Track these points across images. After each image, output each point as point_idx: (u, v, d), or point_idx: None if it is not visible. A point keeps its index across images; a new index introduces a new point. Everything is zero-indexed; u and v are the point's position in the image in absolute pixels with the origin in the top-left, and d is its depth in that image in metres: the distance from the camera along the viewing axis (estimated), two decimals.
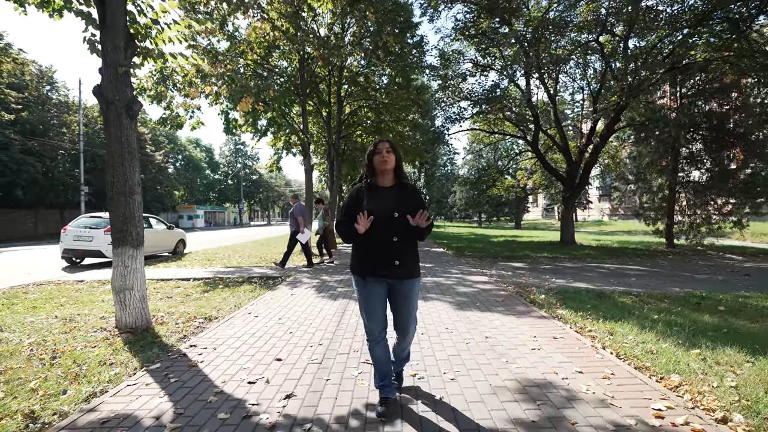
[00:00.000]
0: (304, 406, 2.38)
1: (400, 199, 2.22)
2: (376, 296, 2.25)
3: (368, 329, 2.31)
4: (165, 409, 2.38)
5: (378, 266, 2.20)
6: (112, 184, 4.19)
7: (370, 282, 2.24)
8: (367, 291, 2.25)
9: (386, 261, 2.18)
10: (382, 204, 2.20)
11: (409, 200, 2.23)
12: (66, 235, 10.25)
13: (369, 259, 2.21)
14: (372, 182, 2.29)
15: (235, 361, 3.16)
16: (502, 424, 2.13)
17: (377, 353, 2.30)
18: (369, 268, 2.22)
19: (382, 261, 2.19)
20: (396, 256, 2.19)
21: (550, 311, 4.65)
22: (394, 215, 2.17)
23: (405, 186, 2.29)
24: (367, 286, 2.25)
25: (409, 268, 2.24)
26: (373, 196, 2.25)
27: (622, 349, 3.33)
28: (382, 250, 2.19)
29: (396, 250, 2.19)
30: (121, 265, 4.15)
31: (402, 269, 2.21)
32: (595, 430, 2.06)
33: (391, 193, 2.26)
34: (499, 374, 2.80)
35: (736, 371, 2.89)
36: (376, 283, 2.24)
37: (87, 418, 2.31)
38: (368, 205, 2.19)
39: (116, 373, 2.98)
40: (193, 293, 6.21)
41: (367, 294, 2.25)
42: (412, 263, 2.26)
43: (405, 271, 2.22)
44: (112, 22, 4.17)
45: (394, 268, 2.19)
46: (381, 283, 2.25)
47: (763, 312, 4.75)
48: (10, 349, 3.52)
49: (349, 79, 16.26)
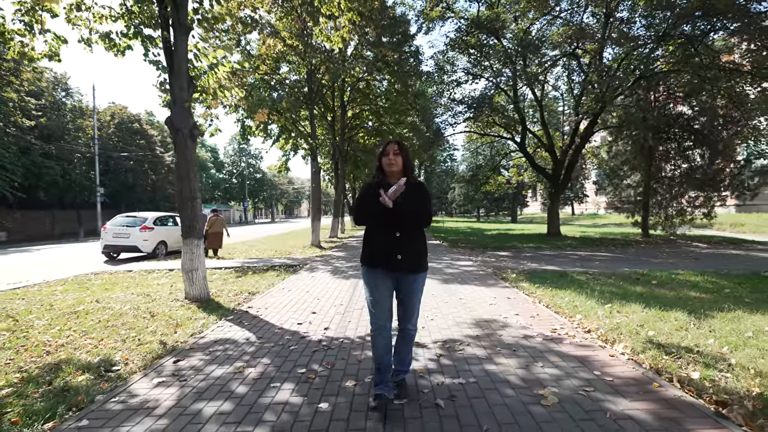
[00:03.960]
0: (336, 333, 3.79)
1: (404, 196, 2.28)
2: (382, 287, 2.35)
3: (374, 319, 2.38)
4: (249, 335, 3.79)
5: (382, 260, 2.33)
6: (180, 191, 5.58)
7: (377, 273, 2.36)
8: (375, 282, 2.37)
9: (389, 255, 2.31)
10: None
11: (414, 197, 2.33)
12: (106, 232, 11.66)
13: (375, 252, 2.36)
14: (383, 181, 2.39)
15: (284, 314, 4.56)
16: (459, 337, 3.54)
17: (379, 343, 2.35)
18: (375, 261, 2.36)
19: (385, 255, 2.32)
20: (398, 250, 2.30)
21: (513, 284, 6.05)
22: (399, 211, 2.28)
23: (412, 184, 2.36)
24: (375, 278, 2.37)
25: (412, 262, 2.34)
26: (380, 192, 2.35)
27: (554, 304, 4.72)
28: (386, 244, 2.32)
29: (399, 244, 2.30)
30: (189, 252, 5.54)
31: (404, 263, 2.31)
32: (511, 338, 3.47)
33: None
34: (463, 317, 4.21)
35: (628, 316, 4.27)
36: (383, 275, 2.36)
37: (201, 342, 3.70)
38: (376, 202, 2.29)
39: (203, 323, 4.38)
40: (228, 278, 7.59)
41: (375, 285, 2.37)
42: (415, 258, 2.35)
43: (408, 265, 2.32)
44: (178, 68, 5.54)
45: (396, 262, 2.30)
46: (387, 275, 2.36)
47: (683, 284, 6.12)
48: (119, 312, 4.92)
49: (351, 85, 17.59)
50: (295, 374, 2.83)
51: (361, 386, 2.61)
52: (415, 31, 15.26)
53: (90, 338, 3.89)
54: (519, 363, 2.91)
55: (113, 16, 6.42)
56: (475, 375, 2.72)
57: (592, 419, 2.11)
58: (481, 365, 2.89)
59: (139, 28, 6.42)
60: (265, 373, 2.87)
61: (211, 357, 3.24)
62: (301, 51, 12.15)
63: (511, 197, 41.06)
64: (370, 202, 2.31)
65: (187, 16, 5.56)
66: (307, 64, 12.83)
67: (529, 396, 2.39)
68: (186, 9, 5.54)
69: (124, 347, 3.59)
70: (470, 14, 14.85)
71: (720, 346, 3.30)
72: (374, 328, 2.37)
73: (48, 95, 27.67)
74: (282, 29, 12.39)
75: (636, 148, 13.33)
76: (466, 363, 2.95)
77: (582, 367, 2.81)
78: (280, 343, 3.55)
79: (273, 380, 2.74)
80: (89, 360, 3.28)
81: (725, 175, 13.72)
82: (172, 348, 3.57)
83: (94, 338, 3.89)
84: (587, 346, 3.24)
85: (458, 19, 14.58)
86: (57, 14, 6.15)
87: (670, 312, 4.33)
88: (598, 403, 2.28)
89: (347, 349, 3.34)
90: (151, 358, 3.30)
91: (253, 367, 2.99)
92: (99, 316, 4.69)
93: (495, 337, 3.50)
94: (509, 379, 2.64)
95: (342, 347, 3.38)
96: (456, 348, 3.26)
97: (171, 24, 5.51)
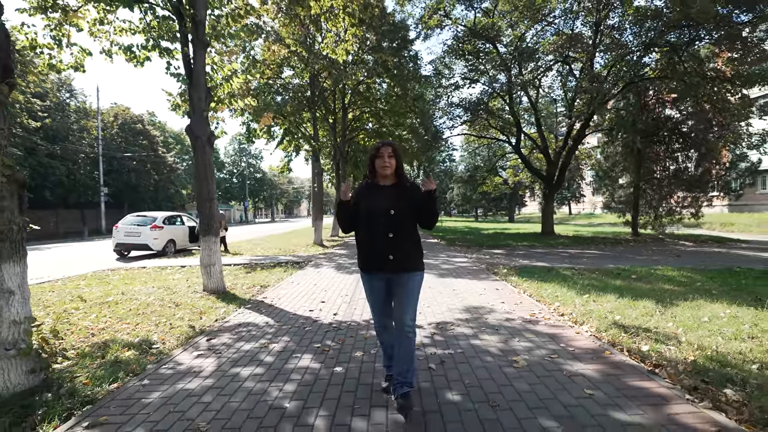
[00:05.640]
0: (344, 317, 4.35)
1: (398, 197, 2.33)
2: (377, 290, 2.41)
3: (375, 319, 2.53)
4: (268, 320, 4.34)
5: (374, 261, 2.35)
6: (199, 193, 6.12)
7: (372, 276, 2.40)
8: (370, 285, 2.42)
9: (381, 256, 2.31)
10: (380, 201, 2.33)
11: (408, 198, 2.34)
12: (117, 231, 12.19)
13: (367, 254, 2.38)
14: (372, 182, 2.43)
15: (296, 303, 5.11)
16: (450, 320, 4.10)
17: (384, 339, 2.53)
18: (368, 263, 2.38)
19: (377, 256, 2.33)
20: (390, 251, 2.30)
21: (503, 278, 6.61)
22: (390, 212, 2.29)
23: (404, 185, 2.39)
24: (370, 281, 2.42)
25: (404, 262, 2.33)
26: (371, 193, 2.38)
27: (537, 294, 5.28)
28: (378, 245, 2.32)
29: (391, 245, 2.30)
30: (207, 248, 6.08)
31: (396, 263, 2.30)
32: (495, 320, 4.03)
33: (390, 191, 2.37)
34: (455, 304, 4.76)
35: (602, 304, 4.81)
36: (377, 278, 2.39)
37: (226, 325, 4.24)
38: (366, 203, 2.35)
39: (224, 311, 4.92)
40: (239, 274, 8.12)
41: (371, 288, 2.43)
42: (407, 258, 2.34)
43: (399, 266, 2.31)
44: (197, 80, 6.07)
45: (388, 262, 2.30)
46: (380, 277, 2.37)
47: (659, 278, 6.68)
48: (145, 303, 5.46)
49: (351, 88, 18.12)
50: (312, 348, 3.38)
51: (368, 356, 3.16)
52: (414, 37, 15.82)
53: (126, 323, 4.43)
54: (499, 339, 3.47)
55: (132, 29, 6.96)
56: (461, 347, 3.28)
57: (552, 376, 2.67)
58: (467, 340, 3.44)
59: (157, 41, 6.98)
60: (286, 347, 3.42)
61: (238, 336, 3.79)
62: (305, 57, 12.68)
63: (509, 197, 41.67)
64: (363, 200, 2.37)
65: (205, 33, 6.10)
66: (310, 69, 13.37)
67: (505, 361, 2.95)
68: (204, 27, 6.08)
69: (158, 330, 4.13)
70: (468, 21, 15.43)
71: (676, 328, 3.85)
72: (378, 327, 2.54)
73: (53, 96, 28.14)
74: (286, 36, 12.93)
75: (626, 151, 13.92)
76: (455, 339, 3.50)
77: (551, 341, 3.37)
78: (296, 325, 4.10)
79: (294, 352, 3.29)
80: (130, 340, 3.82)
81: (712, 177, 14.30)
82: (201, 330, 4.11)
83: (130, 323, 4.43)
84: (559, 326, 3.80)
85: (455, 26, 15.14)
86: (82, 29, 6.68)
87: (640, 301, 4.87)
88: (558, 365, 2.84)
89: (354, 329, 3.89)
90: (184, 338, 3.84)
91: (275, 343, 3.54)
92: (128, 306, 5.22)
93: (481, 320, 4.05)
94: (490, 350, 3.20)
95: (350, 328, 3.94)
96: (447, 328, 3.82)
97: (191, 40, 6.04)
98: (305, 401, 2.42)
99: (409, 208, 2.33)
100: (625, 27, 12.40)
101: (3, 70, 2.63)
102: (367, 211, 2.34)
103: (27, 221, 2.80)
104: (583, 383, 2.55)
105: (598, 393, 2.41)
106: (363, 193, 2.41)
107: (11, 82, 2.71)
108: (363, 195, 2.40)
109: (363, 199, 2.38)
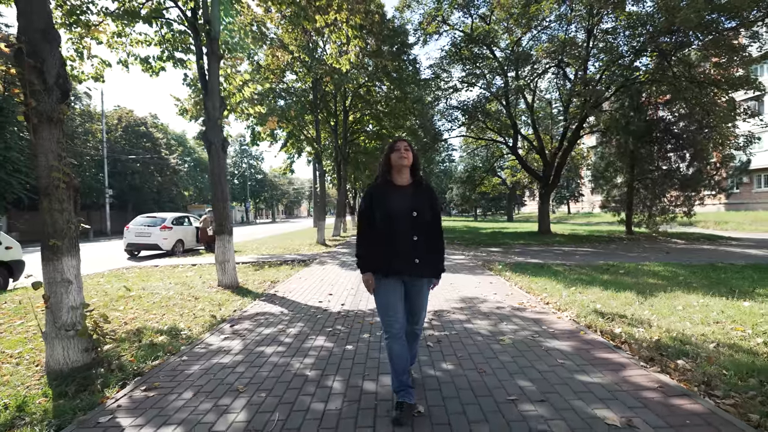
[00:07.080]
0: (351, 307, 4.81)
1: (416, 197, 2.28)
2: (395, 293, 2.28)
3: (387, 325, 2.30)
4: (282, 309, 4.80)
5: (399, 265, 2.24)
6: (214, 195, 6.58)
7: (390, 279, 2.28)
8: (387, 288, 2.29)
9: (407, 259, 2.23)
10: (402, 203, 2.25)
11: (425, 199, 2.30)
12: (128, 232, 12.66)
13: (392, 258, 2.24)
14: (389, 180, 2.34)
15: (306, 296, 5.57)
16: (446, 308, 4.56)
17: (396, 350, 2.26)
18: (390, 267, 2.25)
19: (403, 259, 2.23)
20: (416, 254, 2.24)
21: (497, 273, 7.06)
22: (413, 214, 2.23)
23: (420, 185, 2.34)
24: (387, 284, 2.29)
25: (429, 266, 2.30)
26: (391, 195, 2.29)
27: (528, 287, 5.73)
28: (404, 248, 2.23)
29: (417, 248, 2.24)
30: (222, 246, 6.54)
31: (423, 267, 2.26)
32: (486, 308, 4.49)
33: (409, 191, 2.30)
34: (452, 295, 5.23)
35: (587, 295, 5.27)
36: (395, 280, 2.29)
37: (245, 314, 4.70)
38: (385, 204, 2.26)
39: (241, 302, 5.38)
40: (248, 271, 8.58)
41: (387, 291, 2.29)
42: (432, 261, 2.31)
43: (427, 270, 2.29)
44: (212, 90, 6.53)
45: (415, 266, 2.24)
46: (399, 280, 2.30)
47: (645, 273, 7.13)
48: (166, 296, 5.91)
49: (352, 92, 18.58)
50: (324, 331, 3.84)
51: (374, 337, 3.62)
52: (413, 41, 16.28)
53: (152, 314, 4.89)
54: (489, 323, 3.93)
55: (148, 41, 7.43)
56: (456, 330, 3.74)
57: (531, 351, 3.13)
58: (461, 324, 3.91)
59: (172, 52, 7.46)
60: (302, 331, 3.88)
61: (257, 323, 4.25)
62: (308, 63, 13.15)
63: (507, 197, 42.17)
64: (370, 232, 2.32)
65: (218, 47, 6.56)
66: (312, 74, 13.84)
67: (492, 340, 3.41)
68: (218, 41, 6.54)
69: (183, 319, 4.59)
70: (465, 26, 15.89)
71: (651, 315, 4.30)
72: (389, 335, 2.28)
73: None
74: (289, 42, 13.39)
75: (619, 152, 14.38)
76: (450, 323, 3.97)
77: (534, 324, 3.83)
78: (309, 313, 4.56)
79: (309, 334, 3.75)
80: (160, 328, 4.27)
81: (704, 177, 14.75)
82: (222, 319, 4.57)
83: (156, 314, 4.88)
84: (543, 313, 4.26)
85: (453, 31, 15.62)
86: (101, 42, 7.14)
87: (623, 293, 5.31)
88: (538, 342, 3.31)
89: (361, 317, 4.35)
90: (209, 325, 4.30)
91: (292, 328, 4.00)
92: (151, 299, 5.68)
93: (474, 308, 4.51)
94: (480, 331, 3.66)
95: (357, 316, 4.40)
96: (443, 314, 4.28)
97: (205, 53, 6.50)
98: (323, 370, 2.88)
99: (429, 209, 2.30)
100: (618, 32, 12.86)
101: (62, 94, 3.08)
102: (387, 212, 2.25)
103: (82, 220, 3.26)
104: (557, 355, 3.01)
105: (568, 362, 2.87)
106: (379, 195, 2.31)
107: (68, 103, 3.16)
108: (379, 197, 2.31)
109: (381, 201, 2.29)
